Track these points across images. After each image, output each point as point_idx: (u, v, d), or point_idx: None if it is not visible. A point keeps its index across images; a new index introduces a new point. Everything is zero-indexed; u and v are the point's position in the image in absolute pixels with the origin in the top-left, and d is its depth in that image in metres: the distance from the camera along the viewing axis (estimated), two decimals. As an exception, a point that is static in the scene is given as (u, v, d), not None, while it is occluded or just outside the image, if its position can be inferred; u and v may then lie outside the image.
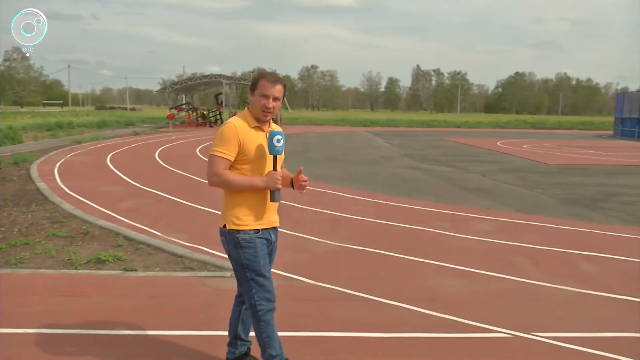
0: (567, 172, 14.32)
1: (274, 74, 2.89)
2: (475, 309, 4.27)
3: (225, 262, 5.31)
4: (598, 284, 4.95)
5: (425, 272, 5.20)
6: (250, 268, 2.86)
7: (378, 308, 4.26)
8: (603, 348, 3.58)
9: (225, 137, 2.79)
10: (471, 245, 6.24)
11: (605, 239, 6.81)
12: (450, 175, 12.99)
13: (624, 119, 36.28)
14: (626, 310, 4.37)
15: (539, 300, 4.55)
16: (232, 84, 44.19)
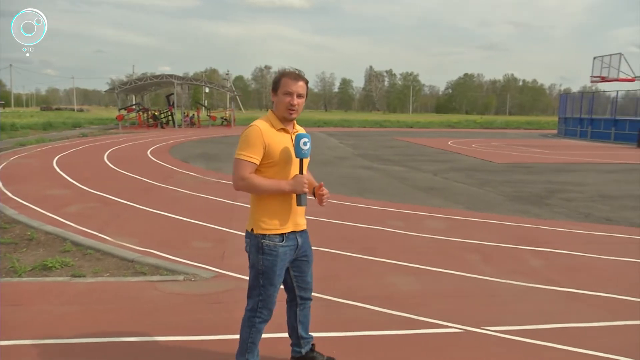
0: (514, 170, 14.78)
1: (295, 71, 2.86)
2: (428, 305, 4.34)
3: (178, 265, 5.22)
4: (544, 277, 5.13)
5: (380, 271, 5.25)
6: (265, 275, 2.86)
7: (333, 307, 4.27)
8: (550, 339, 3.71)
9: (251, 141, 2.74)
10: (424, 243, 6.35)
11: (551, 234, 7.06)
12: (403, 175, 13.19)
13: (567, 118, 37.81)
14: (570, 301, 4.54)
15: (490, 295, 4.67)
16: (183, 84, 43.54)
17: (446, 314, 4.13)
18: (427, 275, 5.15)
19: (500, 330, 3.86)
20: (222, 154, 17.84)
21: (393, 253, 5.82)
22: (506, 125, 53.84)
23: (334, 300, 4.41)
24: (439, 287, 4.84)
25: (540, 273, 5.29)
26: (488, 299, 4.57)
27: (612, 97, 34.32)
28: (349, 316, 4.10)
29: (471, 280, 5.01)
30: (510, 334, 3.81)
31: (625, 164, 17.44)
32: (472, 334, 3.81)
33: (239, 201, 8.70)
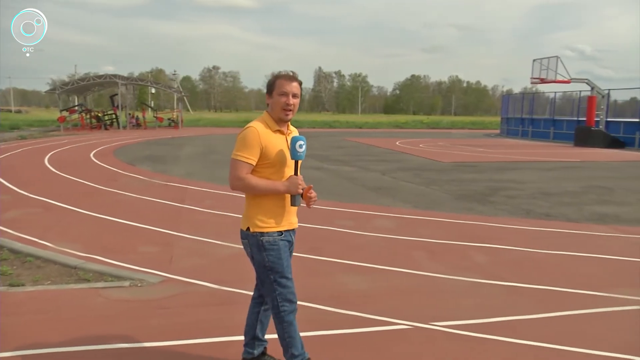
0: (459, 169, 15.19)
1: (289, 72, 2.91)
2: (377, 303, 4.40)
3: (123, 271, 5.08)
4: (489, 272, 5.29)
5: (329, 270, 5.28)
6: (274, 270, 2.89)
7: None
8: (494, 332, 3.84)
9: (248, 142, 2.79)
10: (373, 242, 6.43)
11: (494, 231, 7.30)
12: (353, 175, 13.32)
13: (509, 118, 39.18)
14: (513, 295, 4.71)
15: (437, 292, 4.78)
16: (128, 84, 42.37)
17: (395, 311, 4.20)
18: (376, 273, 5.22)
19: (447, 325, 3.96)
20: (169, 155, 17.48)
21: (342, 252, 5.87)
22: (452, 126, 55.27)
23: (284, 301, 4.40)
24: (387, 285, 4.91)
25: (485, 268, 5.46)
26: (435, 295, 4.68)
27: (551, 98, 35.83)
28: (297, 316, 4.09)
29: (419, 277, 5.11)
30: (457, 328, 3.91)
31: (563, 161, 18.23)
32: (420, 330, 3.89)
33: (187, 204, 8.55)
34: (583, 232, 7.25)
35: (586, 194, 10.69)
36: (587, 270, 5.53)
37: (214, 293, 4.60)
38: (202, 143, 24.44)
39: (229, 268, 5.32)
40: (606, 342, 3.74)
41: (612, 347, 3.64)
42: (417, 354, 3.54)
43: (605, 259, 5.95)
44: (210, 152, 19.71)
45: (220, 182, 11.31)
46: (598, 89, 27.77)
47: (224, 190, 10.19)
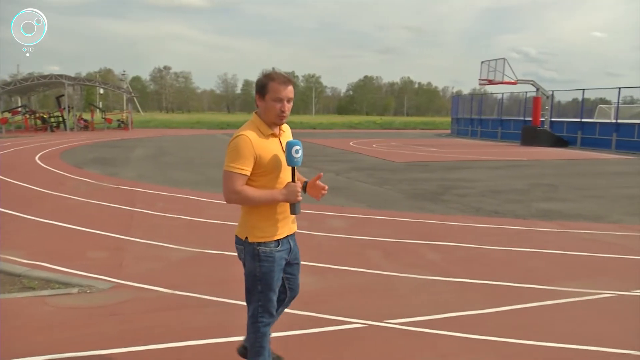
0: (412, 168, 15.45)
1: (282, 74, 2.75)
2: (331, 303, 4.43)
3: (71, 277, 4.92)
4: (441, 269, 5.41)
5: (285, 272, 5.26)
6: (263, 281, 2.82)
7: (239, 311, 4.22)
8: (446, 328, 3.93)
9: (241, 152, 2.65)
10: (327, 242, 6.46)
11: (446, 228, 7.47)
12: (306, 175, 13.21)
13: (459, 119, 40.16)
14: (464, 291, 4.83)
15: (390, 290, 4.85)
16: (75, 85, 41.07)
17: (350, 311, 4.24)
18: (330, 273, 5.25)
19: (401, 322, 4.02)
20: (118, 158, 17.03)
21: (297, 253, 5.86)
22: (404, 126, 56.17)
23: (236, 303, 4.36)
24: (342, 285, 4.95)
25: (437, 265, 5.57)
26: (389, 293, 4.74)
27: (499, 99, 36.95)
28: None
29: (373, 276, 5.17)
30: (410, 325, 3.98)
31: (511, 160, 18.83)
32: (375, 328, 3.94)
33: (138, 207, 8.36)
34: (530, 228, 7.51)
35: (533, 192, 11.07)
36: (534, 264, 5.73)
37: (166, 298, 4.52)
38: (154, 145, 23.94)
39: (182, 272, 5.23)
40: (552, 333, 3.88)
41: (558, 337, 3.79)
42: (372, 352, 3.58)
43: (551, 253, 6.18)
44: (162, 154, 19.33)
45: (173, 184, 11.12)
46: (543, 90, 28.82)
47: (176, 192, 10.03)
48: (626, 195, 10.86)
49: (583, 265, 5.75)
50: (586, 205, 9.61)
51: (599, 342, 3.76)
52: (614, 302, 4.63)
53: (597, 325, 4.09)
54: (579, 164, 18.34)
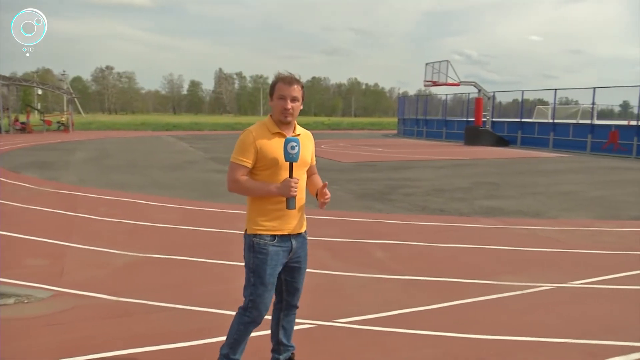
0: (360, 168, 15.63)
1: (290, 75, 2.89)
2: (281, 304, 4.41)
3: (8, 287, 4.70)
4: (387, 268, 5.50)
5: (233, 275, 5.21)
6: (256, 273, 2.90)
7: (188, 316, 4.17)
8: (392, 325, 4.00)
9: (243, 145, 2.83)
10: (276, 244, 6.44)
11: (392, 227, 7.59)
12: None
13: (405, 119, 40.94)
14: (410, 288, 4.93)
15: (339, 289, 4.89)
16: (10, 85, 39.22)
17: (299, 311, 4.21)
18: (280, 275, 5.23)
19: (349, 321, 4.06)
20: (59, 161, 16.39)
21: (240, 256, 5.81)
22: (352, 127, 56.72)
23: (187, 308, 4.30)
24: (291, 286, 4.94)
25: (384, 264, 5.66)
26: (337, 293, 4.78)
27: (443, 100, 37.92)
28: (203, 324, 4.03)
29: (321, 276, 5.20)
30: (358, 323, 4.02)
31: (455, 160, 19.36)
32: (324, 328, 3.96)
33: (79, 212, 8.08)
34: (473, 225, 7.74)
35: (476, 190, 11.42)
36: (477, 260, 5.91)
37: (109, 305, 4.38)
38: (96, 147, 23.18)
39: (126, 278, 5.09)
40: (494, 326, 4.02)
41: (500, 330, 3.93)
42: (322, 352, 3.60)
43: (493, 249, 6.39)
44: (105, 156, 18.75)
45: (116, 187, 10.81)
46: (484, 92, 29.77)
47: (120, 196, 9.75)
48: (562, 192, 11.36)
49: (523, 260, 5.98)
50: (526, 202, 9.99)
51: (538, 332, 3.92)
52: (552, 294, 4.84)
53: (536, 317, 4.27)
54: (519, 162, 19.05)
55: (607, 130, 24.29)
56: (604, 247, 6.56)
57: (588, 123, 26.22)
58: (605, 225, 7.90)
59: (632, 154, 22.41)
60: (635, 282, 5.17)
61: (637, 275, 5.40)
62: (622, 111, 37.94)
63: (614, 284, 5.12)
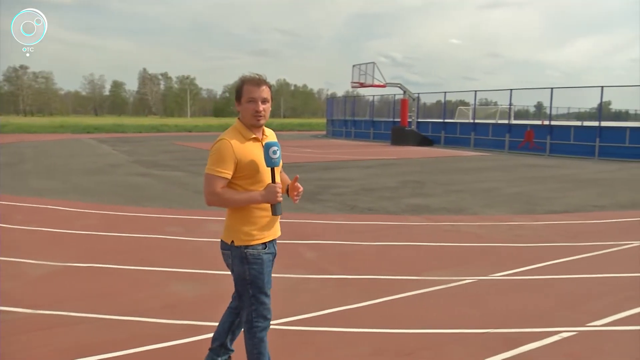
0: (289, 170, 15.58)
1: (255, 75, 2.79)
2: (210, 309, 4.33)
3: None
4: (318, 267, 5.54)
5: (160, 281, 5.08)
6: (254, 284, 2.82)
7: (112, 326, 4.00)
8: (324, 324, 4.03)
9: (221, 155, 2.70)
10: (204, 247, 6.33)
11: (323, 227, 7.66)
12: (183, 180, 12.96)
13: (333, 120, 41.40)
14: (342, 286, 4.99)
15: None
16: None
17: (229, 315, 4.18)
18: (209, 279, 5.15)
19: (281, 322, 4.05)
20: (-33, 167, 15.29)
21: (173, 261, 5.68)
22: (281, 128, 56.66)
23: (112, 318, 4.13)
24: (221, 290, 4.86)
25: (315, 264, 5.70)
26: (268, 295, 4.76)
27: (370, 101, 38.67)
28: (129, 333, 3.88)
29: (252, 279, 5.15)
30: (290, 324, 4.03)
31: (382, 159, 19.80)
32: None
33: (-8, 221, 7.58)
34: (401, 223, 7.95)
35: (402, 188, 11.73)
36: (405, 257, 6.07)
37: (28, 319, 4.14)
38: (10, 151, 21.82)
39: (44, 289, 4.83)
40: (422, 320, 4.15)
41: (428, 324, 4.06)
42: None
43: (419, 245, 6.59)
44: (21, 161, 17.67)
45: (34, 194, 10.23)
46: (409, 93, 30.65)
47: (38, 203, 9.23)
48: (483, 189, 11.90)
49: (447, 255, 6.20)
50: (449, 199, 10.38)
51: (462, 324, 4.09)
52: (475, 286, 5.05)
53: (460, 309, 4.44)
54: (443, 161, 19.76)
55: (523, 130, 25.68)
56: (521, 240, 6.93)
57: (506, 123, 27.63)
58: (522, 220, 8.35)
59: (546, 152, 23.82)
60: (549, 272, 5.49)
61: (552, 265, 5.75)
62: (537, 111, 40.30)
63: (531, 274, 5.42)
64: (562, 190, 11.92)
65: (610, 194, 11.55)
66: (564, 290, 4.99)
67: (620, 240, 6.91)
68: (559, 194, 11.30)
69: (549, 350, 3.68)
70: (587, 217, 8.70)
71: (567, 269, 5.64)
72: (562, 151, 23.46)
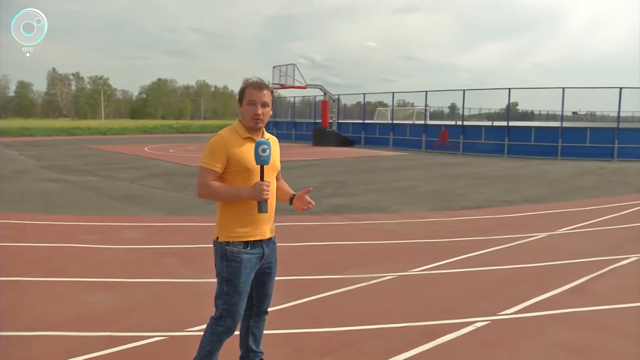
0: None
1: (259, 80, 2.87)
2: (128, 319, 4.18)
3: None
4: (240, 271, 5.47)
5: (72, 292, 4.81)
6: (229, 282, 2.84)
7: (17, 343, 3.74)
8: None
9: (213, 149, 2.80)
10: (120, 255, 6.08)
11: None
12: (97, 185, 12.38)
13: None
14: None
15: (191, 297, 4.76)
16: None
17: (148, 324, 4.04)
18: (125, 287, 4.95)
19: (202, 329, 3.95)
20: None
21: (86, 270, 5.41)
22: (202, 130, 55.54)
23: (15, 334, 3.86)
24: (138, 298, 4.70)
25: (237, 267, 5.62)
26: (189, 300, 4.65)
27: (292, 102, 38.80)
28: (35, 349, 3.65)
29: (171, 285, 5.02)
30: (211, 330, 3.94)
31: (305, 160, 19.91)
32: (176, 339, 3.82)
33: None
34: (323, 223, 8.02)
35: (325, 189, 11.85)
36: (327, 257, 6.13)
37: None
38: None
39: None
40: (345, 318, 4.21)
41: (350, 321, 4.12)
42: (173, 363, 3.46)
43: (341, 244, 6.69)
44: None
45: None
46: (330, 94, 31.05)
47: None
48: (401, 187, 12.27)
49: (368, 253, 6.33)
50: (370, 198, 10.61)
51: (382, 319, 4.19)
52: (395, 282, 5.19)
53: (382, 305, 4.55)
54: (363, 161, 20.18)
55: (438, 130, 26.75)
56: (438, 235, 7.20)
57: (422, 124, 28.66)
58: (438, 216, 8.68)
59: (459, 151, 24.96)
60: (464, 265, 5.75)
61: (466, 258, 6.02)
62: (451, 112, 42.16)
63: (447, 268, 5.65)
64: (475, 187, 12.52)
65: (518, 189, 12.27)
66: (477, 282, 5.24)
67: (527, 233, 7.36)
68: (471, 191, 11.87)
69: (465, 340, 3.85)
70: (497, 212, 9.19)
71: (479, 261, 5.93)
72: (474, 150, 24.68)
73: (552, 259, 6.04)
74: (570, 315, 4.37)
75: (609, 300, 4.74)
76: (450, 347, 3.73)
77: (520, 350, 3.73)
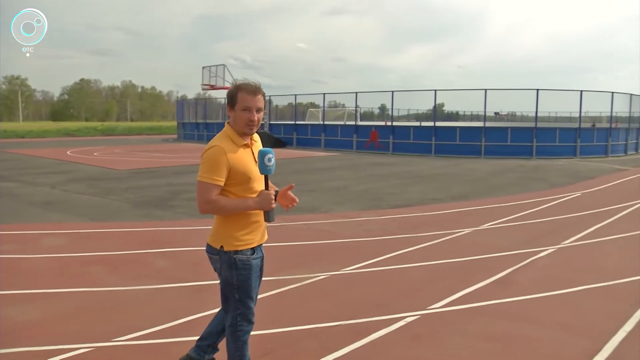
0: (137, 176, 14.89)
1: (251, 83, 2.75)
2: (51, 332, 3.97)
3: None
4: (170, 276, 5.34)
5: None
6: (241, 289, 2.84)
7: None
8: (180, 334, 3.91)
9: (215, 162, 2.67)
10: (41, 264, 5.77)
11: (175, 234, 7.41)
12: (15, 191, 11.69)
13: (184, 123, 40.27)
14: (195, 294, 4.86)
15: (118, 305, 4.59)
16: None
17: (72, 336, 3.86)
18: (47, 298, 4.71)
19: (132, 337, 3.84)
20: None
21: (3, 282, 5.10)
22: (129, 132, 53.72)
23: None
24: (61, 309, 4.48)
25: (167, 273, 5.49)
26: (116, 309, 4.48)
27: (223, 104, 38.23)
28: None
29: (96, 294, 4.82)
30: (142, 339, 3.83)
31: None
32: (102, 350, 3.67)
33: None
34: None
35: (256, 190, 11.75)
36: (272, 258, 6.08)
37: None
38: None
39: None
40: (280, 319, 4.20)
41: (286, 322, 4.13)
42: (99, 375, 3.33)
43: (276, 246, 6.63)
44: None
45: None
46: (261, 95, 30.85)
47: None
48: (334, 188, 12.40)
49: (302, 253, 6.36)
50: (303, 198, 10.63)
51: (316, 319, 4.22)
52: (328, 281, 5.24)
53: (316, 305, 4.58)
54: (296, 162, 20.23)
55: (368, 130, 27.24)
56: (369, 234, 7.34)
57: (353, 124, 29.09)
58: (370, 215, 8.85)
59: (389, 151, 25.54)
60: (395, 262, 5.89)
61: (397, 255, 6.17)
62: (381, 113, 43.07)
63: (377, 266, 5.76)
64: (404, 186, 12.86)
65: (445, 187, 12.72)
66: (407, 278, 5.39)
67: (453, 229, 7.64)
68: (401, 190, 12.18)
69: (396, 336, 3.95)
70: (425, 210, 9.48)
71: (409, 258, 6.09)
72: (404, 149, 25.33)
73: (477, 254, 6.31)
74: (493, 307, 4.58)
75: (529, 291, 5.01)
76: (382, 343, 3.81)
77: (448, 342, 3.87)
